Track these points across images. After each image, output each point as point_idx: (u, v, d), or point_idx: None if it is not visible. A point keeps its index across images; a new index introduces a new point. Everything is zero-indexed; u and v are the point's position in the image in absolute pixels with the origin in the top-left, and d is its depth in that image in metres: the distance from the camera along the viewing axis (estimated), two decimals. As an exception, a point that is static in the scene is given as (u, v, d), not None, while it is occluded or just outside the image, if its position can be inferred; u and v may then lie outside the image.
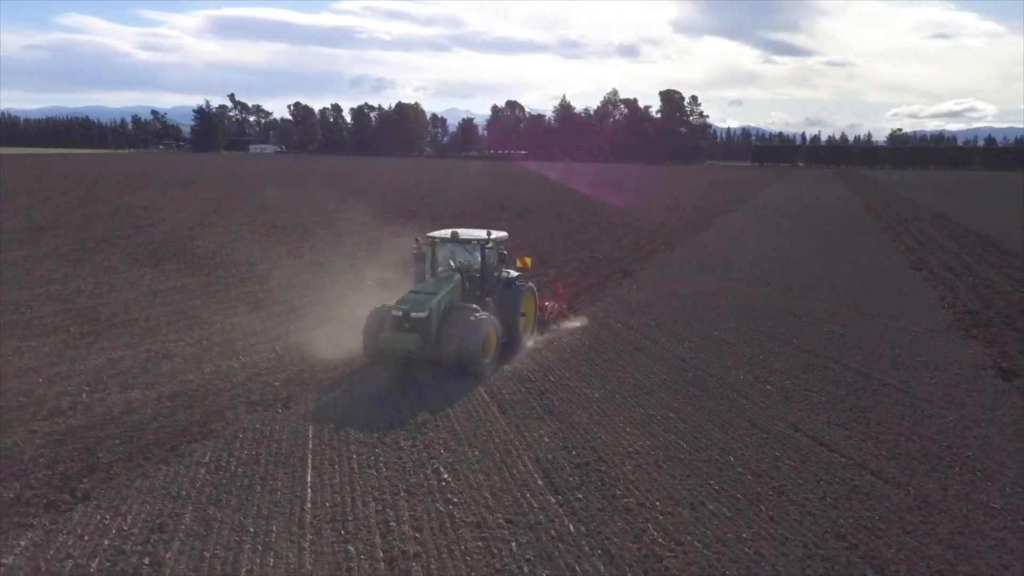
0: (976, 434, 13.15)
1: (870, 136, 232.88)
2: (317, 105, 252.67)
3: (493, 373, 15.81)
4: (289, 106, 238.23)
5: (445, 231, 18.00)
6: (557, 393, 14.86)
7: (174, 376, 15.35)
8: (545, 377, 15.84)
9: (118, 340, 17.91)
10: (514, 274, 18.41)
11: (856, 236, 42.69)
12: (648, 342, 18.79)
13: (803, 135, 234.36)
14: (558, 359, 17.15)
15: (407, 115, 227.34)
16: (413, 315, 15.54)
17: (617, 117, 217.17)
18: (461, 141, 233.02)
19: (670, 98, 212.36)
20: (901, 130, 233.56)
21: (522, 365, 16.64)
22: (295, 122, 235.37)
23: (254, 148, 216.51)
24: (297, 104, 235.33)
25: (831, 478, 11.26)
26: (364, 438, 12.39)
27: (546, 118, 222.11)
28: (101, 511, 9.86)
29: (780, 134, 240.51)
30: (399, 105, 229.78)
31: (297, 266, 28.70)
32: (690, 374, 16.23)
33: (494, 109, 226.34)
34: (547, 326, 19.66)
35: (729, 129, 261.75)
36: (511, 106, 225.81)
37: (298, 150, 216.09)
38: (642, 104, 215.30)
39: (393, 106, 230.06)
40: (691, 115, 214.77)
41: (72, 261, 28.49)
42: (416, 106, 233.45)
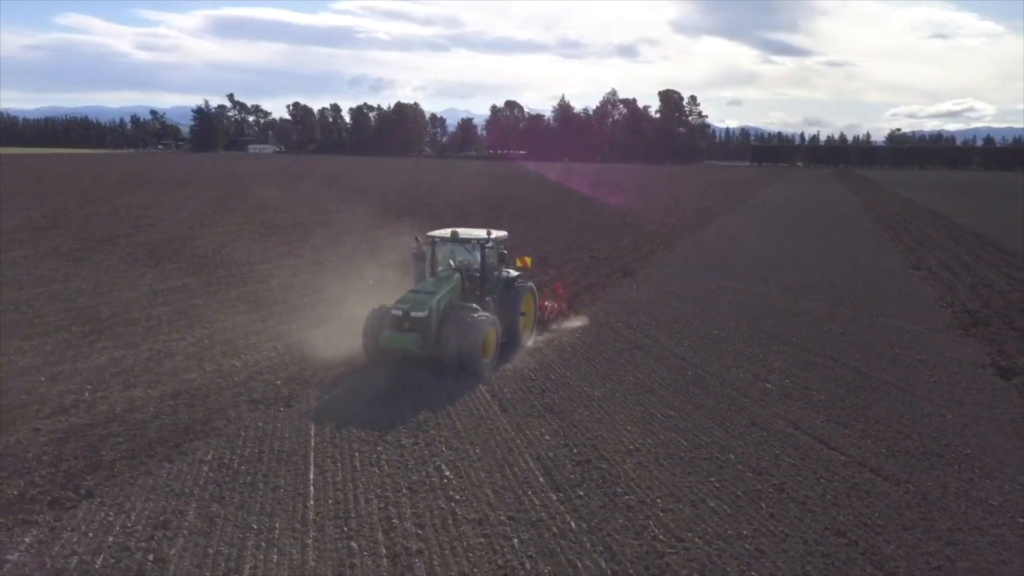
0: (975, 432, 13.22)
1: (869, 136, 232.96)
2: (316, 105, 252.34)
3: (493, 372, 15.86)
4: (288, 106, 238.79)
5: (445, 230, 18.03)
6: (558, 391, 14.91)
7: (176, 375, 15.40)
8: (546, 376, 15.89)
9: (120, 339, 17.95)
10: (514, 274, 18.43)
11: (855, 236, 42.77)
12: (648, 341, 18.85)
13: (802, 135, 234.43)
14: (558, 358, 17.20)
15: (406, 115, 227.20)
16: (413, 314, 15.57)
17: (616, 117, 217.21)
18: (460, 141, 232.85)
19: (669, 98, 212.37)
20: (900, 130, 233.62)
21: (523, 364, 16.69)
22: (294, 122, 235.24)
23: (253, 148, 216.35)
24: (296, 104, 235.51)
25: (831, 475, 11.32)
26: (366, 436, 12.44)
27: (545, 118, 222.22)
28: (105, 508, 9.90)
29: (779, 134, 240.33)
30: (398, 105, 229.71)
31: (297, 266, 28.75)
32: (690, 372, 16.29)
33: (493, 109, 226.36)
34: (547, 326, 19.70)
35: (728, 129, 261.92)
36: (510, 106, 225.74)
37: (297, 150, 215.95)
38: (641, 104, 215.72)
39: (392, 106, 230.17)
40: (690, 115, 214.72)
41: (72, 260, 28.53)
42: (415, 106, 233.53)
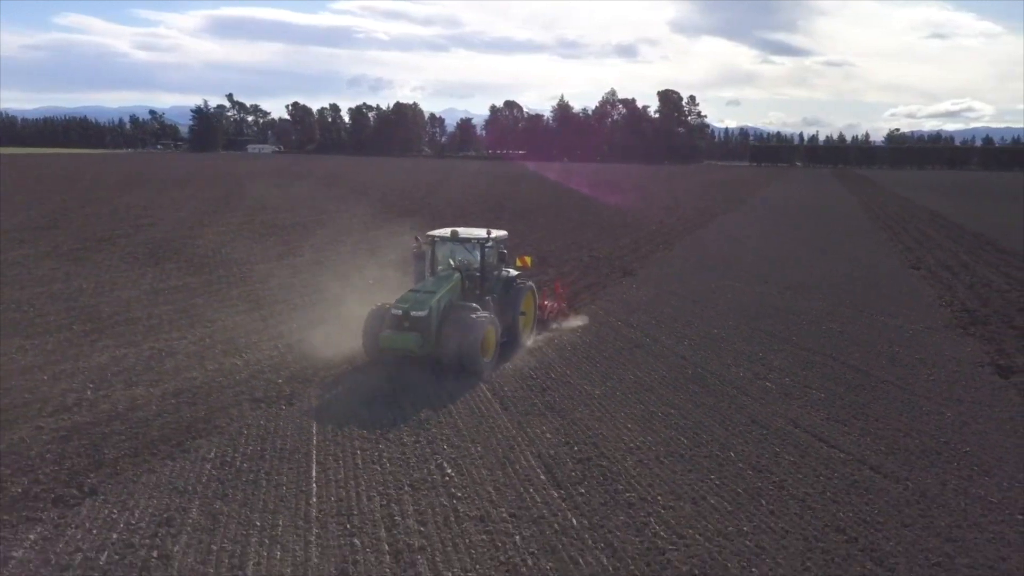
0: (974, 430, 13.28)
1: (868, 136, 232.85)
2: (315, 105, 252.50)
3: (493, 372, 15.91)
4: (287, 106, 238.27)
5: (445, 230, 18.06)
6: (558, 390, 14.96)
7: (178, 373, 15.44)
8: (546, 374, 15.94)
9: (121, 338, 17.99)
10: (514, 273, 18.49)
11: (854, 235, 42.84)
12: (648, 340, 18.90)
13: (801, 135, 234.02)
14: (559, 357, 17.25)
15: (405, 115, 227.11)
16: (413, 314, 15.61)
17: (615, 117, 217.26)
18: (459, 141, 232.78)
19: (668, 98, 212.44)
20: (899, 130, 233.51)
21: (523, 363, 16.74)
22: (293, 122, 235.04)
23: (252, 148, 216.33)
24: (295, 104, 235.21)
25: (831, 473, 11.38)
26: (367, 434, 12.48)
27: (544, 118, 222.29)
28: (109, 505, 9.95)
29: (778, 134, 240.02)
30: (397, 105, 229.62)
31: (297, 265, 28.79)
32: (690, 371, 16.35)
33: (492, 109, 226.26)
34: (547, 325, 19.74)
35: (727, 129, 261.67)
36: (509, 106, 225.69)
37: (296, 150, 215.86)
38: (640, 104, 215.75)
39: (391, 106, 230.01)
40: (689, 115, 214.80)
41: (73, 260, 28.57)
42: (414, 106, 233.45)
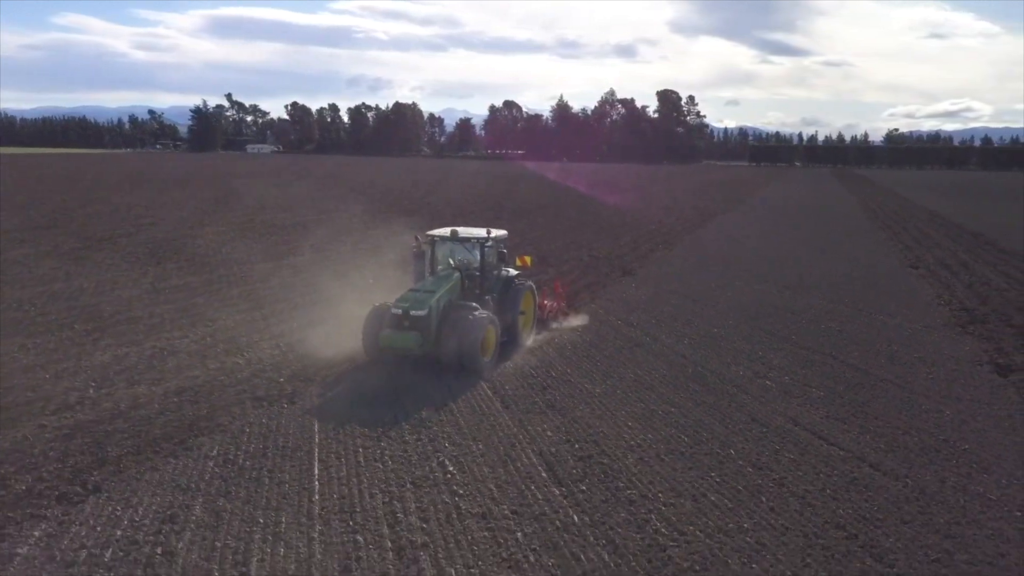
0: (972, 428, 13.34)
1: (867, 136, 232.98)
2: (314, 105, 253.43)
3: (492, 371, 15.95)
4: (286, 106, 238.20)
5: (444, 229, 18.09)
6: (559, 388, 15.02)
7: (179, 372, 15.49)
8: (547, 373, 15.99)
9: (122, 337, 18.03)
10: (513, 272, 18.51)
11: (853, 235, 42.92)
12: (648, 339, 18.96)
13: (800, 135, 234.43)
14: (559, 356, 17.30)
15: (404, 115, 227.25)
16: (413, 313, 15.63)
17: (614, 117, 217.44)
18: (458, 141, 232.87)
19: (667, 98, 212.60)
20: (898, 130, 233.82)
21: (524, 361, 16.79)
22: (292, 122, 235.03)
23: (251, 148, 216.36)
24: (294, 104, 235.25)
25: (830, 470, 11.44)
26: (369, 432, 12.53)
27: (543, 118, 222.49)
28: (112, 503, 9.99)
29: (777, 134, 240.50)
30: (396, 105, 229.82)
31: (297, 264, 28.83)
32: (690, 370, 16.40)
33: (491, 109, 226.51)
34: (547, 325, 19.79)
35: (726, 129, 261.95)
36: (508, 106, 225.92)
37: (295, 150, 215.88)
38: (639, 104, 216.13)
39: (390, 106, 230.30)
40: (688, 115, 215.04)
41: (73, 260, 28.60)
42: (413, 106, 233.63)
